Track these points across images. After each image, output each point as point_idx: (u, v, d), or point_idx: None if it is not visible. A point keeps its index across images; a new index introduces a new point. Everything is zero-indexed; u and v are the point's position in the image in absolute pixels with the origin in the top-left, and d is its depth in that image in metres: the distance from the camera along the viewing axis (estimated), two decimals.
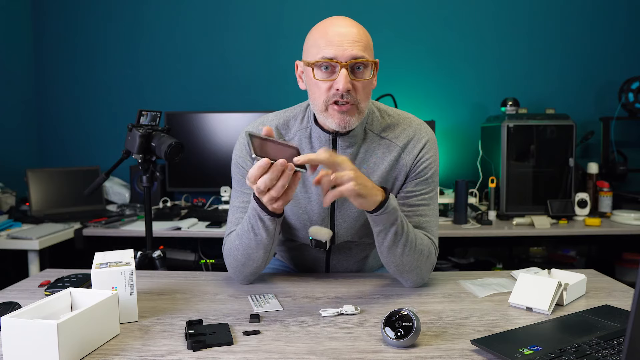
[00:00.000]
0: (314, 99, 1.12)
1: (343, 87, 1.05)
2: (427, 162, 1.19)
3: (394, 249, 1.10)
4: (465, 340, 0.88)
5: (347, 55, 1.06)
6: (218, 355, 0.84)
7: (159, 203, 2.72)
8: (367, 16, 2.89)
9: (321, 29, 1.10)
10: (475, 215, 2.49)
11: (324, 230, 1.21)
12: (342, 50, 1.06)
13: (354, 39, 1.07)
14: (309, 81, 1.12)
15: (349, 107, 1.08)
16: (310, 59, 1.09)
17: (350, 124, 1.10)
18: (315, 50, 1.08)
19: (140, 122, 1.67)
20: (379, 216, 1.06)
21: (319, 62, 1.07)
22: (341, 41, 1.06)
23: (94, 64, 3.00)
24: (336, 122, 1.10)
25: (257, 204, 1.07)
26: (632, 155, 2.83)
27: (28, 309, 0.84)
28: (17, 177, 2.65)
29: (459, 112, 2.95)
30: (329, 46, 1.06)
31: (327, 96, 1.08)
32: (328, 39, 1.07)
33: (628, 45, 2.91)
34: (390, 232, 1.08)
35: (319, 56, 1.07)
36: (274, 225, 1.10)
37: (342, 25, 1.09)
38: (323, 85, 1.08)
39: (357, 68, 1.08)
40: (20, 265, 2.27)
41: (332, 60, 1.06)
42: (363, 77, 1.09)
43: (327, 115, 1.10)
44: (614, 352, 0.79)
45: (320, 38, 1.08)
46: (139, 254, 1.66)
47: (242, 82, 2.98)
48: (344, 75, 1.05)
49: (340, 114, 1.09)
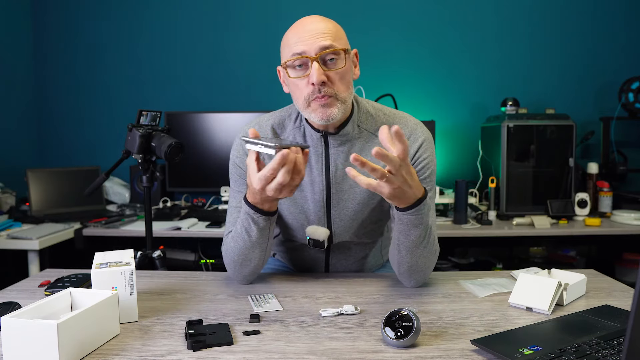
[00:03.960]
0: (297, 100, 1.13)
1: (317, 80, 1.06)
2: (425, 162, 1.19)
3: (415, 249, 1.09)
4: (465, 340, 0.88)
5: (316, 47, 1.07)
6: (218, 355, 0.84)
7: (159, 203, 2.72)
8: (367, 16, 2.89)
9: (291, 29, 1.12)
10: (475, 215, 2.49)
11: (321, 229, 1.21)
12: (310, 44, 1.07)
13: (321, 32, 1.08)
14: (289, 83, 1.13)
15: (327, 100, 1.09)
16: (284, 59, 1.11)
17: (333, 115, 1.10)
18: (287, 50, 1.10)
19: (140, 122, 1.67)
20: (407, 216, 1.04)
21: (290, 61, 1.09)
22: (309, 36, 1.07)
23: (94, 64, 3.00)
24: (319, 115, 1.10)
25: (249, 206, 1.07)
26: (632, 155, 2.83)
27: (28, 309, 0.84)
28: (17, 177, 2.65)
29: (459, 112, 2.95)
30: (298, 43, 1.08)
31: (307, 93, 1.09)
32: (297, 37, 1.08)
33: (628, 45, 2.91)
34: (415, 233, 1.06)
35: (290, 54, 1.09)
36: (267, 225, 1.10)
37: (310, 21, 1.10)
38: (300, 83, 1.10)
39: (330, 60, 1.09)
40: (20, 265, 2.27)
41: (303, 55, 1.07)
42: (336, 67, 1.09)
43: (311, 111, 1.11)
44: (614, 352, 0.79)
45: (291, 38, 1.10)
46: (139, 254, 1.66)
47: (242, 82, 2.98)
48: (315, 69, 1.06)
49: (321, 107, 1.09)
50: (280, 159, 0.94)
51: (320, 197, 1.20)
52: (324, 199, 1.20)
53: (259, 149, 0.96)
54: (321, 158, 1.19)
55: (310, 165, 1.20)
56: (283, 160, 0.94)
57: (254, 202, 1.07)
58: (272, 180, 0.97)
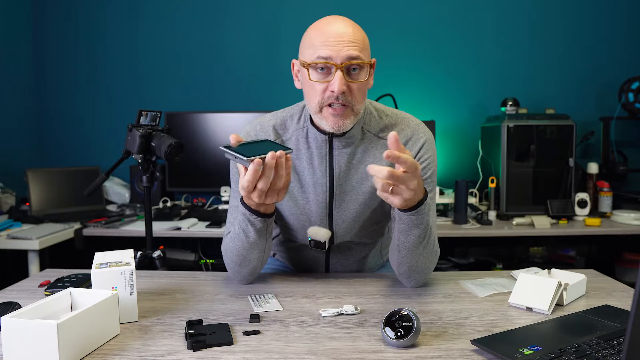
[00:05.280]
0: (309, 100, 1.12)
1: (338, 90, 1.05)
2: (426, 162, 1.19)
3: (415, 250, 1.09)
4: (465, 340, 0.88)
5: (343, 56, 1.05)
6: (218, 355, 0.84)
7: (159, 203, 2.71)
8: (367, 16, 2.89)
9: (317, 28, 1.09)
10: (475, 215, 2.49)
11: (323, 230, 1.21)
12: (337, 51, 1.05)
13: (350, 40, 1.06)
14: (305, 82, 1.12)
15: (343, 110, 1.08)
16: (306, 59, 1.09)
17: (344, 126, 1.10)
18: (311, 51, 1.07)
19: (140, 122, 1.67)
20: (408, 216, 1.04)
21: (314, 64, 1.07)
22: (337, 42, 1.05)
23: (94, 64, 3.00)
24: (330, 124, 1.10)
25: (245, 208, 1.07)
26: (632, 155, 2.83)
27: (28, 309, 0.84)
28: (17, 177, 2.65)
29: (459, 112, 2.95)
30: (324, 46, 1.05)
31: (322, 98, 1.08)
32: (324, 39, 1.06)
33: (628, 45, 2.91)
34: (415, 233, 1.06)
35: (314, 56, 1.06)
36: (264, 226, 1.10)
37: (339, 25, 1.08)
38: (318, 87, 1.08)
39: (353, 70, 1.07)
40: (20, 265, 2.27)
41: (328, 61, 1.05)
42: (358, 79, 1.08)
43: (322, 117, 1.10)
44: (614, 352, 0.79)
45: (316, 38, 1.07)
46: (139, 254, 1.66)
47: (242, 82, 2.98)
48: (339, 77, 1.04)
49: (334, 116, 1.08)
50: (254, 171, 0.94)
51: (322, 198, 1.20)
52: (326, 200, 1.20)
53: (235, 160, 0.96)
54: (325, 160, 1.19)
55: (313, 166, 1.20)
56: (256, 172, 0.94)
57: (249, 204, 1.07)
58: (254, 189, 0.97)
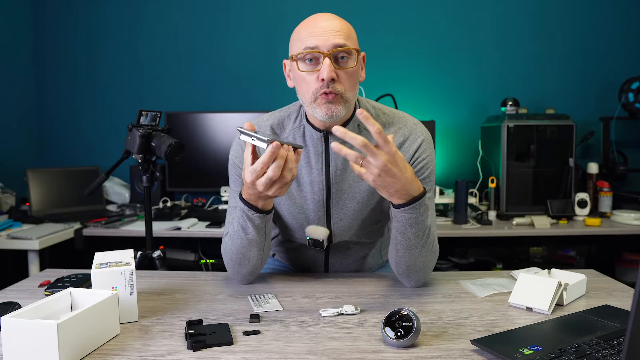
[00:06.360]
0: (302, 94, 1.13)
1: (327, 76, 1.06)
2: (424, 162, 1.19)
3: (413, 249, 1.09)
4: (465, 340, 0.88)
5: (329, 44, 1.07)
6: (218, 355, 0.84)
7: (159, 203, 2.72)
8: (367, 16, 2.90)
9: (304, 23, 1.13)
10: (475, 215, 2.49)
11: (321, 229, 1.21)
12: (323, 40, 1.07)
13: (335, 29, 1.08)
14: (296, 76, 1.13)
15: (333, 97, 1.09)
16: (294, 52, 1.11)
17: (337, 113, 1.10)
18: (299, 44, 1.10)
19: (140, 122, 1.67)
20: (402, 213, 1.04)
21: (302, 54, 1.09)
22: (323, 31, 1.08)
23: (94, 64, 3.00)
24: (323, 111, 1.10)
25: (244, 203, 1.07)
26: (632, 155, 2.83)
27: (28, 309, 0.84)
28: (17, 177, 2.65)
29: (459, 112, 2.95)
30: (310, 37, 1.08)
31: (315, 88, 1.09)
32: (310, 31, 1.09)
33: (628, 45, 2.91)
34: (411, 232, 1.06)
35: (301, 47, 1.09)
36: (263, 223, 1.10)
37: (324, 18, 1.11)
38: (308, 78, 1.10)
39: (341, 58, 1.09)
40: (20, 265, 2.27)
41: (315, 50, 1.07)
42: (347, 66, 1.10)
43: (316, 106, 1.11)
44: (614, 352, 0.79)
45: (303, 31, 1.10)
46: (139, 254, 1.66)
47: (242, 82, 2.98)
48: (327, 65, 1.06)
49: (327, 103, 1.09)
50: (271, 153, 0.94)
51: (320, 196, 1.20)
52: (323, 199, 1.20)
53: (252, 141, 0.96)
54: (321, 158, 1.19)
55: (310, 164, 1.20)
56: (274, 154, 0.94)
57: (248, 199, 1.07)
58: (263, 174, 0.97)
